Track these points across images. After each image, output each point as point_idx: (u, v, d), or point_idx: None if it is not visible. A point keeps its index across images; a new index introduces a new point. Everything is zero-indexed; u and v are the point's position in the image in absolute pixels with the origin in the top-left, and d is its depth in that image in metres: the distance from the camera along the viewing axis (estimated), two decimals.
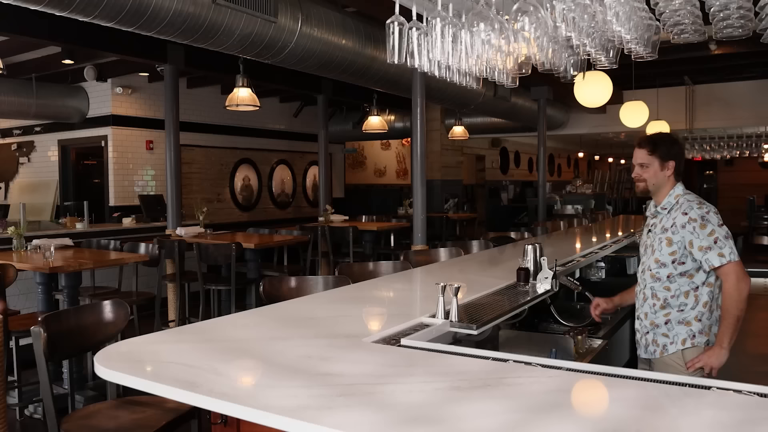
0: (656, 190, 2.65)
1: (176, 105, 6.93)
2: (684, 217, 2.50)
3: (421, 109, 5.17)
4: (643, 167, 2.63)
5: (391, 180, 14.12)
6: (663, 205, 2.61)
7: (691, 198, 2.58)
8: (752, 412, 1.42)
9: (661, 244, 2.55)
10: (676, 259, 2.52)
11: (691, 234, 2.48)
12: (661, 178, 2.60)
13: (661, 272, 2.56)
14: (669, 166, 2.58)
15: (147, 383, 1.67)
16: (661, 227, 2.59)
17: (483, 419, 1.38)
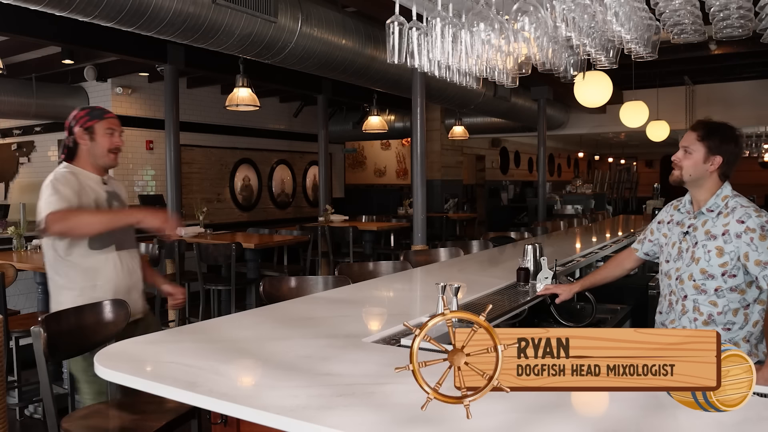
0: (692, 183, 2.34)
1: (176, 105, 6.93)
2: (740, 225, 2.21)
3: (421, 109, 5.17)
4: (686, 152, 2.32)
5: (391, 180, 14.12)
6: (709, 207, 2.30)
7: (744, 202, 2.29)
8: (752, 412, 1.42)
9: (709, 254, 2.25)
10: (727, 271, 2.23)
11: (747, 246, 2.19)
12: (700, 171, 2.29)
13: (707, 284, 2.26)
14: (715, 161, 2.27)
15: (147, 383, 1.67)
16: (705, 232, 2.29)
17: (483, 419, 1.38)
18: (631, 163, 19.68)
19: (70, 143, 2.59)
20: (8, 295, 4.04)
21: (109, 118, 2.61)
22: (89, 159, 2.59)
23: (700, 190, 2.35)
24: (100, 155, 2.59)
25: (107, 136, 2.59)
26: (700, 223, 2.33)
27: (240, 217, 10.34)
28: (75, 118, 2.59)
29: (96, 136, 2.57)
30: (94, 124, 2.57)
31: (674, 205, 2.54)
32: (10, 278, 3.87)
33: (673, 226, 2.45)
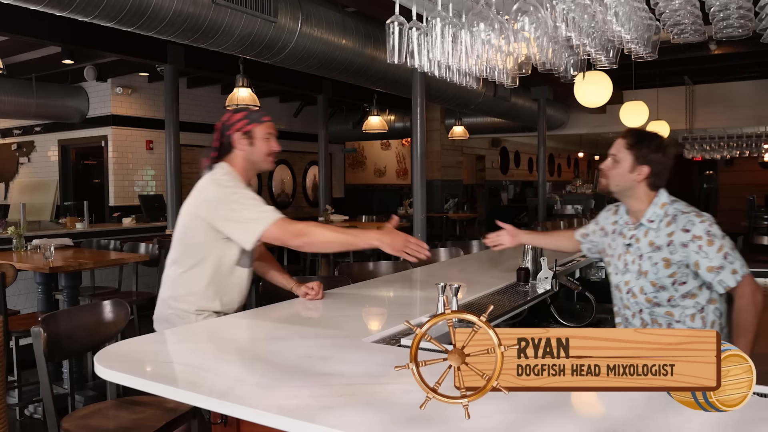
0: (621, 194, 2.30)
1: (176, 105, 6.93)
2: (685, 234, 2.15)
3: (421, 109, 5.17)
4: (614, 161, 2.26)
5: (391, 180, 14.12)
6: (649, 217, 2.24)
7: (683, 208, 2.24)
8: (752, 412, 1.42)
9: (656, 266, 2.20)
10: (676, 280, 2.19)
11: (696, 254, 2.14)
12: (627, 181, 2.24)
13: (659, 296, 2.23)
14: (642, 171, 2.22)
15: (147, 383, 1.67)
16: (649, 243, 2.23)
17: (483, 419, 1.38)
18: None
19: (225, 146, 2.47)
20: (8, 295, 4.04)
21: (267, 122, 2.50)
22: (244, 164, 2.46)
23: (632, 201, 2.29)
24: (258, 160, 2.47)
25: (265, 141, 2.47)
26: (641, 234, 2.26)
27: None
28: (231, 121, 2.47)
29: (255, 141, 2.45)
30: (253, 128, 2.45)
31: (613, 211, 2.47)
32: (10, 278, 3.87)
33: (616, 237, 2.38)
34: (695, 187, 18.70)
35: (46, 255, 4.32)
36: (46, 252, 4.33)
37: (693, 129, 10.87)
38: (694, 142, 11.43)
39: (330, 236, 2.33)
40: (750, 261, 5.57)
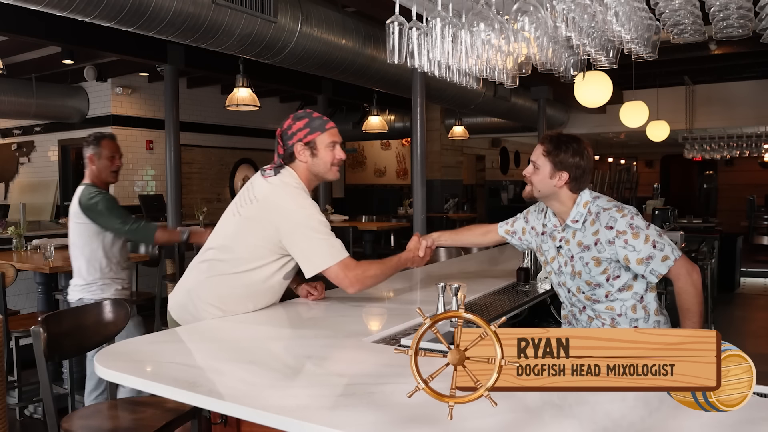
0: (545, 199, 2.31)
1: (176, 105, 6.93)
2: (609, 231, 2.16)
3: (421, 109, 5.17)
4: (534, 167, 2.27)
5: (391, 180, 14.12)
6: (573, 218, 2.23)
7: (604, 204, 2.22)
8: (752, 412, 1.42)
9: (587, 266, 2.21)
10: (609, 275, 2.21)
11: (623, 248, 2.15)
12: (548, 187, 2.24)
13: (597, 293, 2.24)
14: (561, 177, 2.20)
15: (147, 383, 1.67)
16: (577, 244, 2.24)
17: (483, 419, 1.38)
18: (631, 163, 19.68)
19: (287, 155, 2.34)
20: (8, 295, 4.05)
21: (330, 129, 2.35)
22: (307, 175, 2.34)
23: (556, 204, 2.29)
24: (322, 171, 2.34)
25: (329, 150, 2.33)
26: (569, 235, 2.27)
27: None
28: (293, 130, 2.33)
29: (318, 151, 2.32)
30: (316, 137, 2.31)
31: (541, 211, 2.46)
32: (10, 278, 3.87)
33: (547, 239, 2.39)
34: (695, 187, 18.70)
35: (46, 255, 4.32)
36: (46, 252, 4.33)
37: (693, 129, 10.87)
38: (694, 142, 11.43)
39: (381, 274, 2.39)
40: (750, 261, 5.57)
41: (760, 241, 12.67)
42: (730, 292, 8.22)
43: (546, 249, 2.40)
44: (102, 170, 3.48)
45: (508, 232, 2.63)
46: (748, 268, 9.40)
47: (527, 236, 2.55)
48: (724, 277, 8.00)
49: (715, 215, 13.97)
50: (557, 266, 2.35)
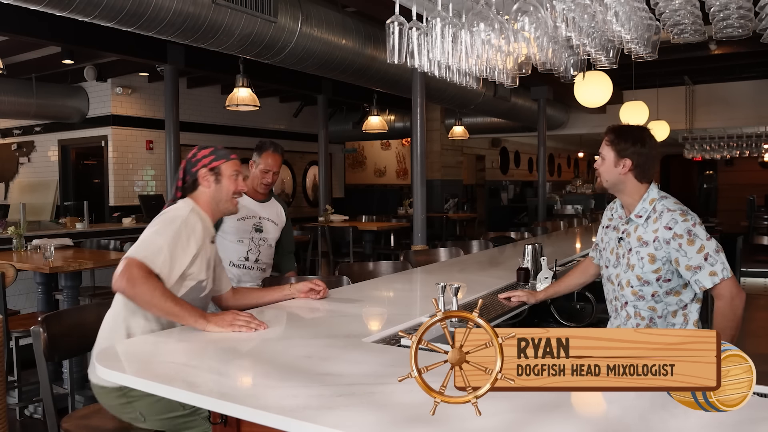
0: (613, 189, 2.35)
1: (176, 105, 6.93)
2: (668, 231, 2.20)
3: (421, 109, 5.17)
4: (601, 159, 2.34)
5: (391, 180, 14.12)
6: (637, 212, 2.29)
7: (670, 205, 2.27)
8: (752, 412, 1.42)
9: (642, 261, 2.26)
10: (661, 276, 2.24)
11: (677, 251, 2.18)
12: (614, 176, 2.30)
13: (644, 290, 2.27)
14: (625, 164, 2.27)
15: (147, 383, 1.67)
16: (637, 238, 2.29)
17: (483, 419, 1.38)
18: None
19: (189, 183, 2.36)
20: (8, 295, 4.04)
21: (234, 159, 2.40)
22: (209, 203, 2.36)
23: (624, 195, 2.35)
24: (223, 199, 2.36)
25: (232, 179, 2.37)
26: (632, 228, 2.32)
27: None
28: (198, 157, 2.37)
29: (222, 178, 2.35)
30: (220, 164, 2.35)
31: (611, 207, 2.53)
32: (10, 278, 3.87)
33: (610, 231, 2.44)
34: (695, 187, 18.70)
35: (46, 255, 4.31)
36: (46, 252, 4.32)
37: (693, 129, 10.87)
38: (694, 142, 11.43)
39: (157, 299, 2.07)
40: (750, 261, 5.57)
41: (760, 241, 12.66)
42: None
43: (607, 240, 2.44)
44: None
45: (594, 248, 2.64)
46: (748, 268, 9.39)
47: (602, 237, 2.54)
48: None
49: (715, 215, 13.98)
50: (615, 257, 2.38)
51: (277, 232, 3.49)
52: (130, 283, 2.06)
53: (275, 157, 3.35)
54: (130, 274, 2.06)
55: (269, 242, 3.44)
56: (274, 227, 3.45)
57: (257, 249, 3.39)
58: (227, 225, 3.28)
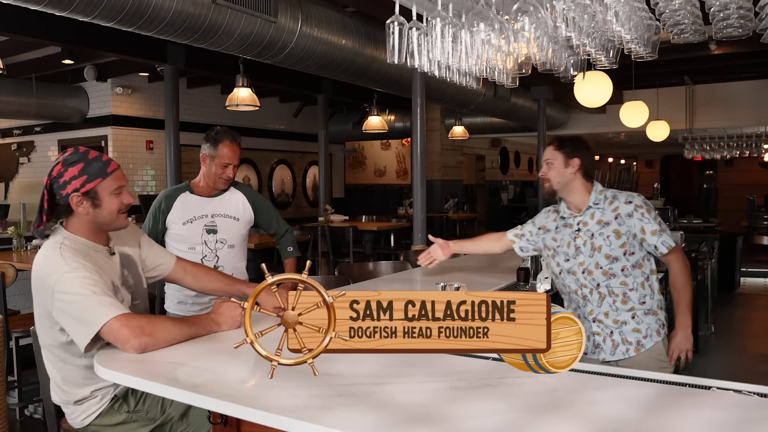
0: (563, 190, 2.56)
1: (176, 105, 6.93)
2: (629, 206, 2.46)
3: (421, 109, 5.17)
4: (548, 165, 2.57)
5: (391, 180, 14.12)
6: (593, 201, 2.52)
7: (617, 191, 2.55)
8: (752, 412, 1.42)
9: (608, 239, 2.45)
10: (627, 250, 2.45)
11: (640, 220, 2.43)
12: (566, 176, 2.52)
13: (614, 267, 2.46)
14: (574, 164, 2.51)
15: (147, 383, 1.67)
16: (597, 222, 2.49)
17: (483, 419, 1.38)
18: (631, 163, 19.69)
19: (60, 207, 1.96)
20: (8, 295, 4.04)
21: (113, 171, 1.99)
22: (90, 227, 1.99)
23: (573, 194, 2.56)
24: (108, 222, 2.00)
25: (115, 197, 1.98)
26: (588, 217, 2.53)
27: None
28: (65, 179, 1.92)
29: (101, 201, 1.96)
30: (96, 185, 1.94)
31: (553, 210, 2.71)
32: (10, 278, 3.87)
33: (562, 229, 2.62)
34: (695, 187, 18.70)
35: None
36: None
37: (693, 129, 10.87)
38: (694, 142, 11.42)
39: (175, 332, 1.92)
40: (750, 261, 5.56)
41: (760, 241, 12.66)
42: (730, 292, 8.22)
43: (560, 238, 2.61)
44: None
45: (517, 235, 2.88)
46: (748, 268, 9.40)
47: (535, 237, 2.78)
48: (724, 277, 7.99)
49: (715, 215, 13.97)
50: (574, 249, 2.54)
51: (242, 227, 3.03)
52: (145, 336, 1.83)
53: (234, 147, 2.94)
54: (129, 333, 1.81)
55: (230, 243, 2.98)
56: (233, 224, 2.99)
57: (214, 254, 2.94)
58: (172, 231, 2.94)
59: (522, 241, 2.83)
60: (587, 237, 2.50)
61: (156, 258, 2.29)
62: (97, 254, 2.00)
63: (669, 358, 2.49)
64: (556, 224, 2.65)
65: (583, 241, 2.51)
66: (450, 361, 1.78)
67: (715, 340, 6.00)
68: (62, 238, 1.95)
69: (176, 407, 2.05)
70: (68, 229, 1.99)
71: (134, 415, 2.04)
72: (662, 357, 2.49)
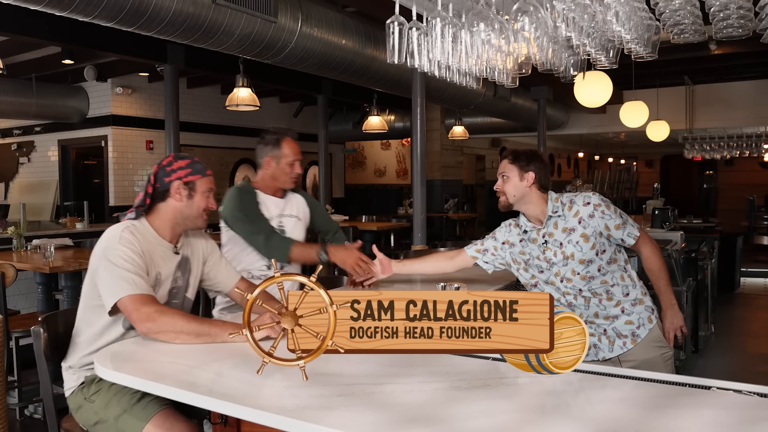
0: (519, 203, 2.55)
1: (176, 105, 6.93)
2: (587, 207, 2.44)
3: (421, 109, 5.17)
4: (503, 178, 2.57)
5: (391, 180, 14.12)
6: (553, 210, 2.49)
7: (571, 195, 2.54)
8: (752, 412, 1.42)
9: (578, 245, 2.43)
10: (598, 249, 2.43)
11: (602, 218, 2.42)
12: (521, 190, 2.52)
13: (590, 269, 2.45)
14: (528, 177, 2.50)
15: (147, 383, 1.67)
16: (562, 230, 2.47)
17: (483, 419, 1.38)
18: (631, 163, 19.68)
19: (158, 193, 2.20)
20: (8, 295, 4.04)
21: (210, 176, 2.28)
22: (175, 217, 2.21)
23: (530, 206, 2.54)
24: (193, 216, 2.22)
25: (205, 197, 2.23)
26: (551, 227, 2.50)
27: None
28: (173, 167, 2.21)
29: (195, 194, 2.21)
30: (196, 179, 2.22)
31: (514, 224, 2.68)
32: (10, 278, 3.87)
33: (528, 244, 2.58)
34: (695, 187, 18.69)
35: (46, 255, 4.32)
36: (46, 252, 4.33)
37: (693, 129, 10.87)
38: (694, 142, 11.42)
39: (181, 324, 1.97)
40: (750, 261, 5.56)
41: (760, 241, 12.67)
42: (730, 292, 8.22)
43: (529, 251, 2.57)
44: None
45: (478, 251, 2.78)
46: (748, 268, 9.40)
47: (500, 252, 2.71)
48: (724, 277, 7.99)
49: (715, 215, 13.97)
50: (545, 262, 2.51)
51: (301, 227, 3.20)
52: (150, 321, 1.95)
53: (295, 143, 3.05)
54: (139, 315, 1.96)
55: None
56: (296, 223, 3.15)
57: None
58: None
59: (486, 256, 2.75)
60: (556, 247, 2.48)
61: (219, 275, 2.43)
62: (158, 247, 2.18)
63: (667, 340, 2.50)
64: (521, 237, 2.62)
65: (553, 252, 2.48)
66: (450, 361, 1.78)
67: (715, 340, 6.00)
68: (135, 222, 2.16)
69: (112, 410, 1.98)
70: (148, 218, 2.20)
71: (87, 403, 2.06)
72: (660, 341, 2.49)
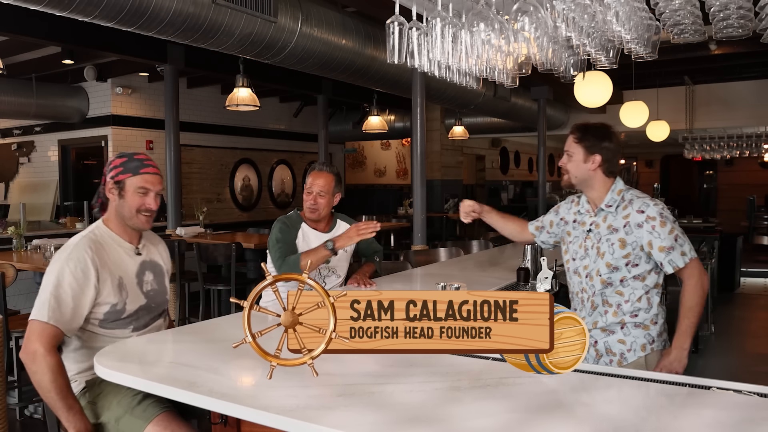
0: (581, 184, 2.43)
1: (176, 105, 6.93)
2: (640, 215, 2.28)
3: (421, 109, 5.17)
4: (568, 156, 2.41)
5: (391, 180, 14.11)
6: (607, 203, 2.36)
7: (638, 194, 2.37)
8: (752, 412, 1.42)
9: (613, 246, 2.31)
10: (630, 261, 2.30)
11: (650, 234, 2.25)
12: (584, 172, 2.38)
13: (613, 277, 2.32)
14: (594, 160, 2.35)
15: (147, 383, 1.67)
16: (607, 227, 2.35)
17: (483, 419, 1.38)
18: (631, 163, 19.67)
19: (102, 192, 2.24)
20: (8, 295, 4.04)
21: (145, 174, 2.18)
22: (117, 218, 2.21)
23: (592, 190, 2.43)
24: (127, 216, 2.19)
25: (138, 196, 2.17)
26: (600, 219, 2.39)
27: (240, 217, 10.34)
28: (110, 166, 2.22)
29: (125, 193, 2.17)
30: (126, 178, 2.17)
31: (575, 202, 2.59)
32: (10, 278, 3.87)
33: (577, 225, 2.51)
34: (695, 187, 18.69)
35: (46, 255, 4.32)
36: (46, 252, 4.33)
37: (693, 129, 10.86)
38: (694, 142, 11.42)
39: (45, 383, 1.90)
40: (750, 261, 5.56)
41: (760, 241, 12.66)
42: (730, 292, 8.22)
43: (574, 234, 2.50)
44: None
45: (537, 228, 2.73)
46: (748, 268, 9.39)
47: (554, 228, 2.65)
48: (724, 277, 7.99)
49: (715, 215, 13.96)
50: (583, 250, 2.43)
51: (349, 257, 3.13)
52: (29, 357, 1.92)
53: (316, 174, 2.99)
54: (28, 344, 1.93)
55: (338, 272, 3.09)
56: (343, 254, 3.04)
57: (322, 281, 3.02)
58: None
59: (543, 234, 2.70)
60: (596, 240, 2.38)
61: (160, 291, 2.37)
62: (119, 248, 2.19)
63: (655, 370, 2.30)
64: (574, 218, 2.53)
65: (592, 243, 2.39)
66: (450, 361, 1.78)
67: (715, 340, 6.00)
68: (95, 228, 2.20)
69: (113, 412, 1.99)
70: (104, 220, 2.23)
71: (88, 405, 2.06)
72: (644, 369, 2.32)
